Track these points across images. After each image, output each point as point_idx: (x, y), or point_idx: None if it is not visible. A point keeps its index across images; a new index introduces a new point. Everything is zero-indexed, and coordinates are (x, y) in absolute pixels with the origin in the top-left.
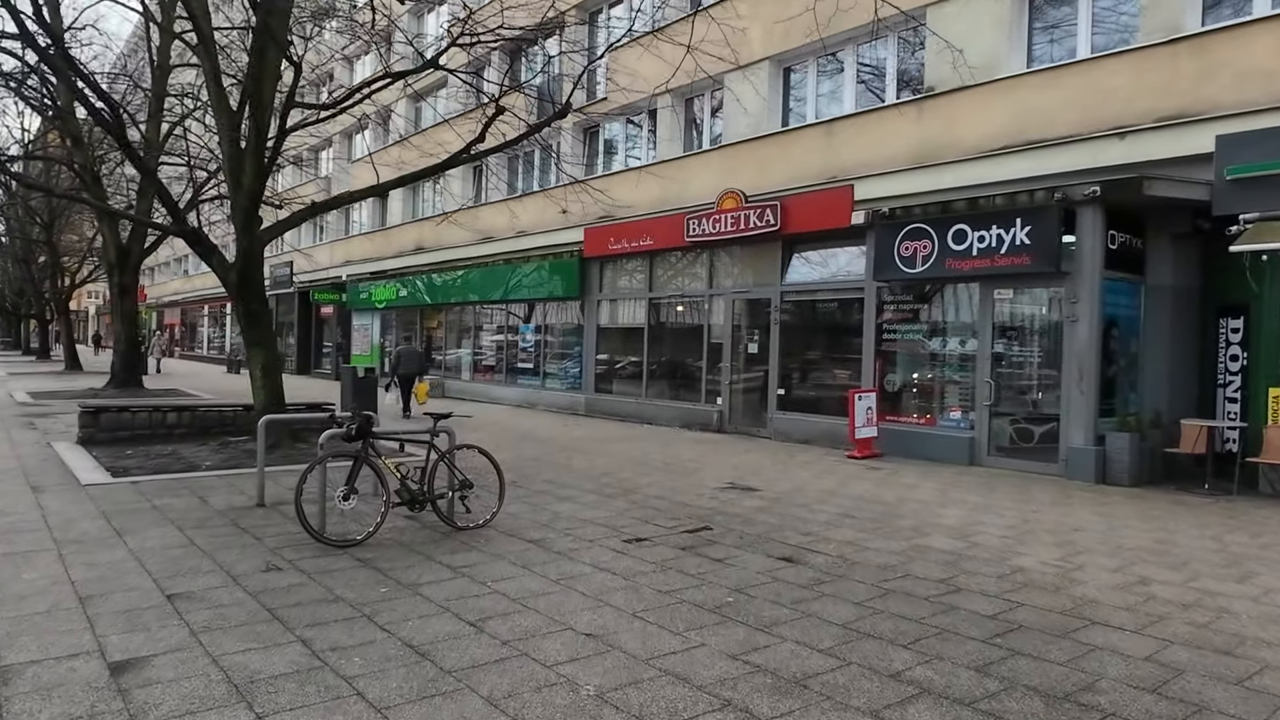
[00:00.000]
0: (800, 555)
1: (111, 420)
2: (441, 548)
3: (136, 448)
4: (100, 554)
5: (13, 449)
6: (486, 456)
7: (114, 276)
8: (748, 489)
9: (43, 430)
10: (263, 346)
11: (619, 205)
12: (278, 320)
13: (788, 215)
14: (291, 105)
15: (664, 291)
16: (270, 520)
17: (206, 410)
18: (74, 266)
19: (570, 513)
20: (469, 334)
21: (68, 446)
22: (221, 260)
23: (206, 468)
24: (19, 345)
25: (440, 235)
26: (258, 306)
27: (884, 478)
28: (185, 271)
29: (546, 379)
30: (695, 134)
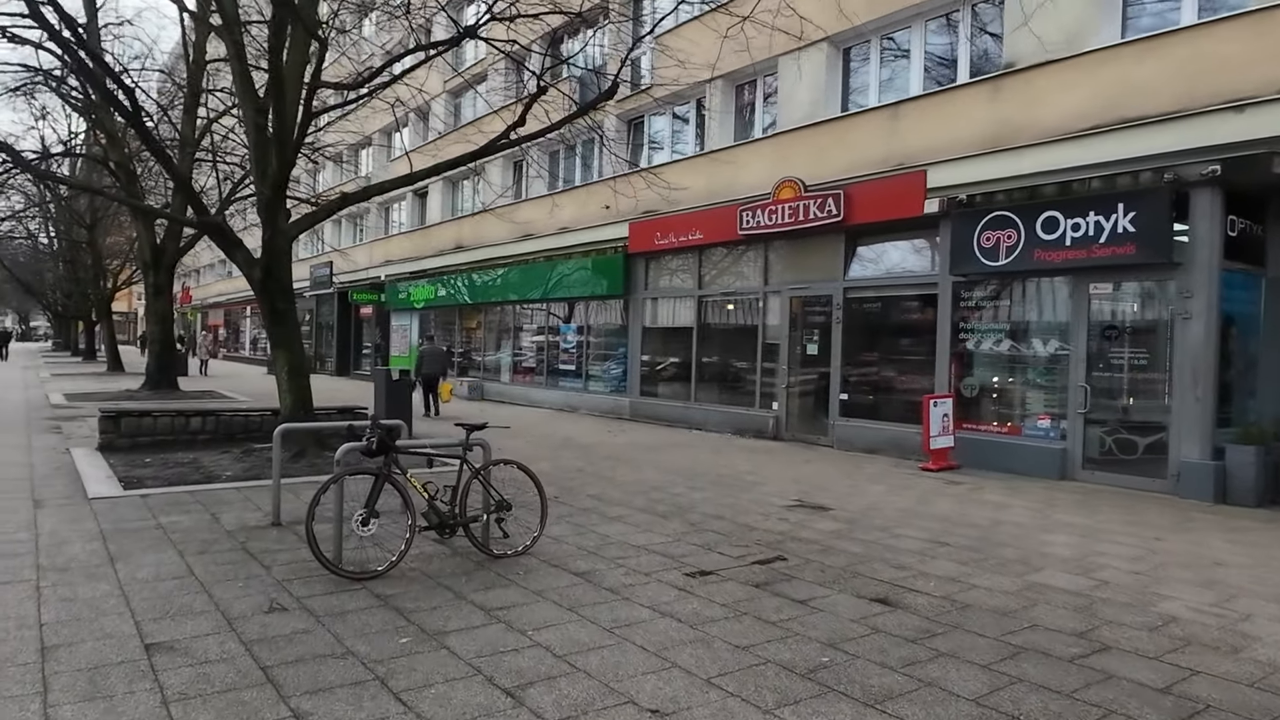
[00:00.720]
0: (897, 596)
1: (132, 425)
2: (474, 581)
3: (156, 455)
4: (83, 587)
5: (28, 456)
6: (526, 473)
7: (149, 276)
8: (818, 508)
9: (66, 434)
10: (288, 347)
11: (671, 191)
12: (318, 321)
13: (851, 205)
14: (317, 85)
15: (714, 289)
16: (284, 543)
17: (231, 415)
18: (117, 268)
19: (620, 536)
20: (508, 335)
21: (86, 453)
22: (246, 256)
23: (226, 479)
24: (68, 346)
25: (479, 233)
26: (283, 304)
27: (967, 494)
28: (229, 273)
29: (589, 381)
30: (746, 122)
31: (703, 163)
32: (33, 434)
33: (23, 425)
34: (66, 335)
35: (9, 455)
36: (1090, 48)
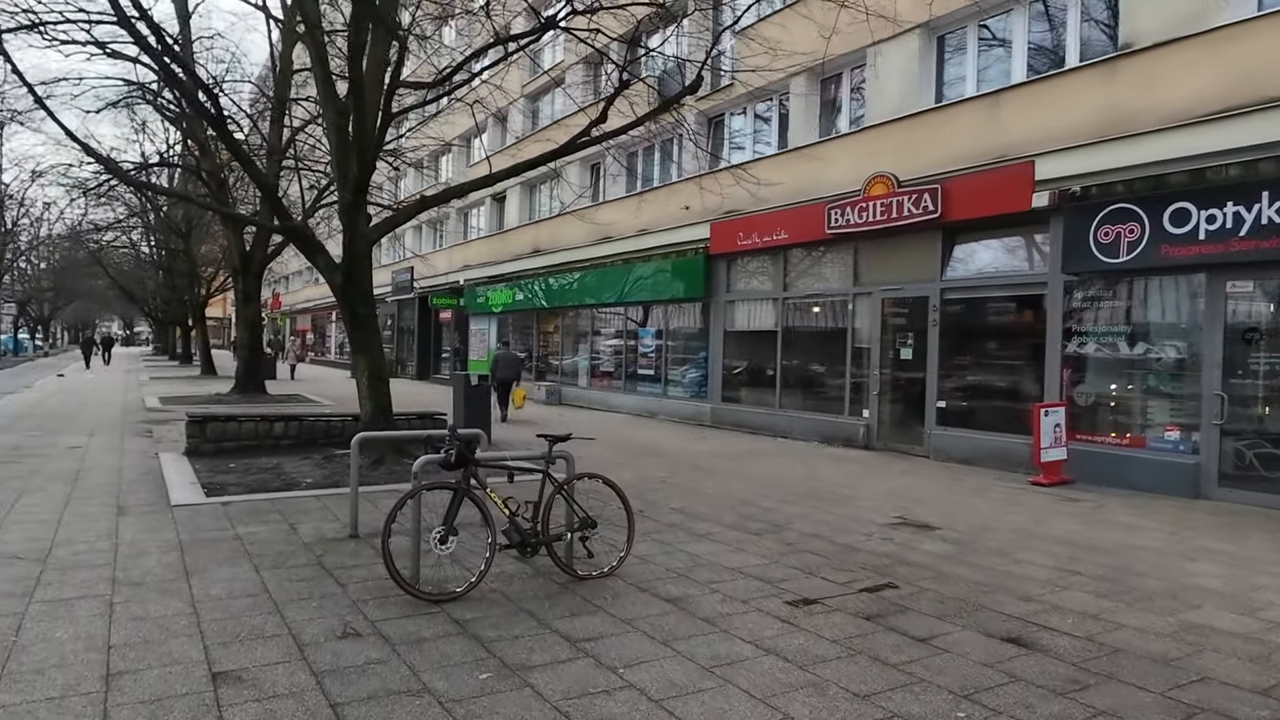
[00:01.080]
0: (1031, 635)
1: (217, 431)
2: (558, 606)
3: (240, 460)
4: (155, 604)
5: (118, 460)
6: (613, 488)
7: (238, 283)
8: (923, 526)
9: (156, 438)
10: (368, 352)
11: (760, 188)
12: (399, 325)
13: (949, 200)
14: (396, 86)
15: (800, 290)
16: (360, 558)
17: (314, 420)
18: (210, 275)
19: (711, 556)
20: (586, 338)
21: (173, 458)
22: (328, 261)
23: (306, 486)
24: (167, 351)
25: (557, 237)
26: (363, 309)
27: (1089, 513)
28: (315, 280)
29: (669, 387)
30: (831, 117)
31: (786, 160)
32: (126, 437)
33: (118, 429)
34: (165, 340)
35: (102, 459)
36: (1219, 24)
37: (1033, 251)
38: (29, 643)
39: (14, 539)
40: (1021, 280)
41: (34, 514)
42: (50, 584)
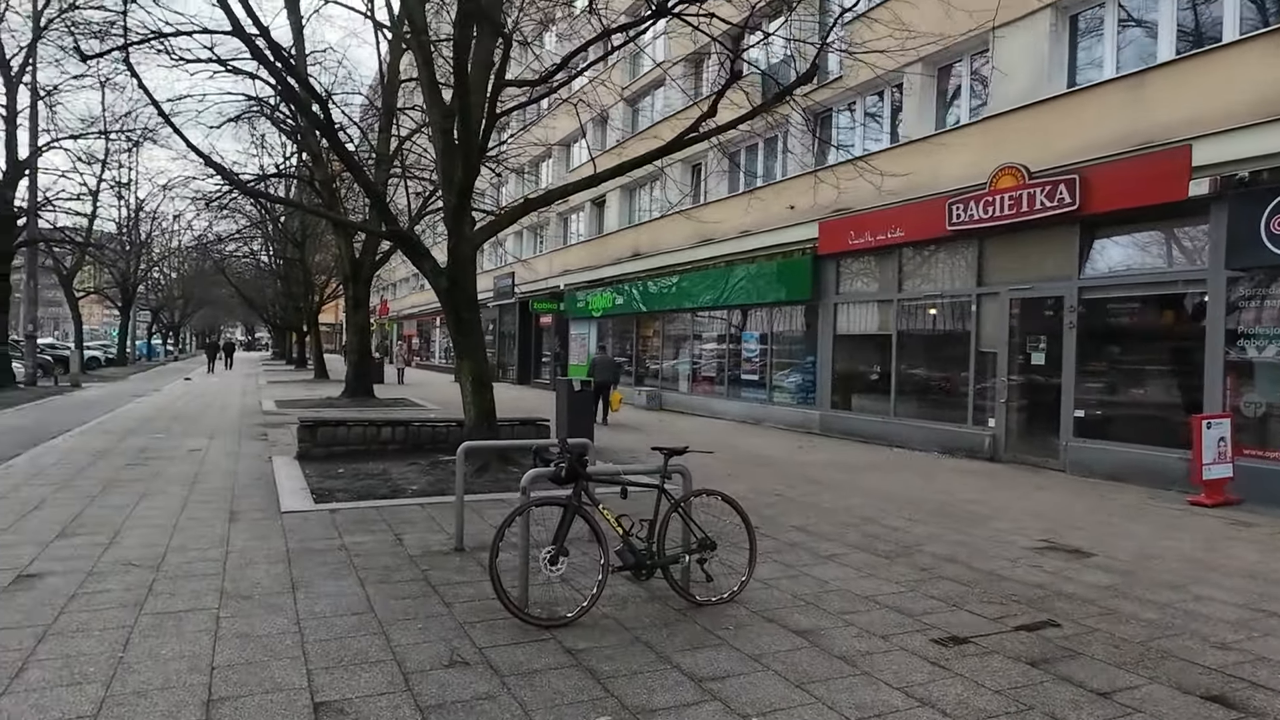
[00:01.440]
0: (1238, 693)
1: (327, 435)
2: (677, 637)
3: (349, 465)
4: (261, 621)
5: (234, 463)
6: (733, 506)
7: (348, 289)
8: (1075, 552)
9: (271, 441)
10: (472, 357)
11: (877, 182)
12: (500, 330)
13: (1089, 191)
14: (502, 85)
15: (917, 291)
16: (466, 573)
17: (420, 425)
18: (323, 283)
19: (840, 582)
20: (686, 342)
21: (285, 462)
22: (433, 265)
23: (412, 493)
24: (284, 355)
25: (656, 240)
26: (468, 314)
27: (1269, 540)
28: (421, 286)
29: (774, 392)
30: (950, 107)
31: (900, 155)
32: (243, 441)
33: (236, 432)
34: (282, 345)
35: (219, 462)
36: None
37: (1187, 245)
38: (135, 661)
39: (132, 544)
40: (1175, 277)
41: (152, 518)
42: (161, 594)
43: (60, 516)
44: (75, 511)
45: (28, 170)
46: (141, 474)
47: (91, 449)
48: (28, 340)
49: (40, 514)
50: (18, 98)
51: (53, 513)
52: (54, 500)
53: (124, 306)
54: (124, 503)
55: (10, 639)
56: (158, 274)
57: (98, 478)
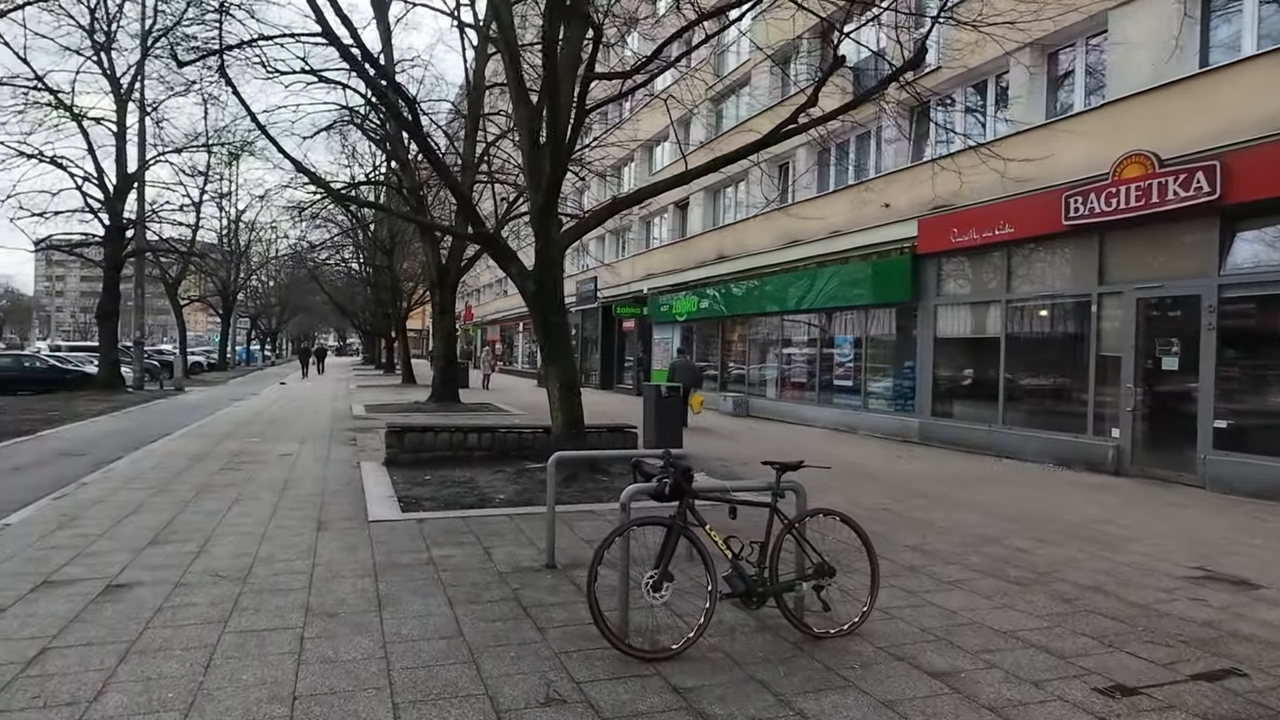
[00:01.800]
0: None
1: (414, 441)
2: (795, 676)
3: (436, 471)
4: (345, 643)
5: (324, 469)
6: (852, 528)
7: (434, 295)
8: (1240, 583)
9: (359, 447)
10: (560, 362)
11: (1008, 165)
12: (583, 335)
13: (1231, 179)
14: (591, 78)
15: (1029, 291)
16: (559, 594)
17: (506, 432)
18: (410, 289)
19: (970, 613)
20: (774, 347)
21: (373, 468)
22: (520, 268)
23: (499, 502)
24: (373, 360)
25: (741, 242)
26: (555, 318)
27: None
28: (505, 291)
29: (869, 399)
30: (1061, 95)
31: (1007, 146)
32: (333, 445)
33: (326, 436)
34: (372, 350)
35: (309, 468)
36: None
37: None
38: (215, 687)
39: (221, 553)
40: None
41: (242, 525)
42: (246, 609)
43: (154, 522)
44: (168, 518)
45: (135, 183)
46: (235, 479)
47: (189, 452)
48: (135, 346)
49: (136, 519)
50: (127, 114)
51: (148, 518)
52: (150, 505)
53: (224, 313)
54: (216, 509)
55: (93, 657)
56: (256, 282)
57: (193, 482)
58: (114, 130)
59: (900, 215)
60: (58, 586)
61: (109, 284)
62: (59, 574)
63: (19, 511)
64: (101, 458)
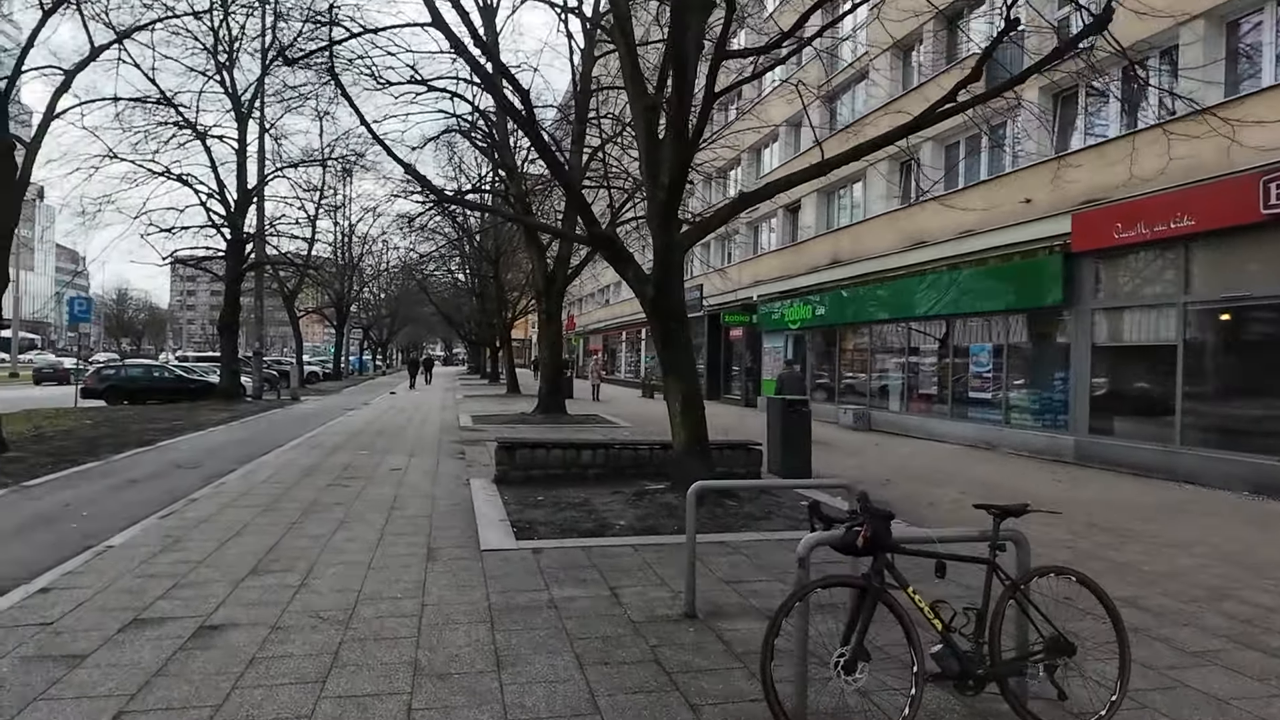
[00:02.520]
0: None
1: (526, 458)
2: None
3: (548, 491)
4: (458, 717)
5: (432, 485)
6: (1091, 589)
7: (541, 303)
8: None
9: (468, 461)
10: (681, 375)
11: (1233, 129)
12: None
13: None
14: (723, 57)
15: (1214, 293)
16: (707, 654)
17: (621, 448)
18: (515, 299)
19: (1244, 703)
20: (897, 356)
21: (483, 485)
22: (637, 271)
23: (619, 529)
24: (479, 370)
25: (860, 245)
26: (675, 325)
27: None
28: (606, 301)
29: (1010, 413)
30: (1245, 67)
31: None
32: (441, 459)
33: (435, 449)
34: (477, 360)
35: (418, 484)
36: None
37: None
38: None
39: (323, 588)
40: None
41: (348, 552)
42: (347, 665)
43: (258, 547)
44: (272, 541)
45: (255, 198)
46: (342, 496)
47: (300, 466)
48: (255, 356)
49: (240, 542)
50: (247, 131)
51: (252, 541)
52: (255, 526)
53: (338, 324)
54: (321, 532)
55: None
56: (368, 294)
57: (301, 499)
58: (235, 147)
59: (1045, 211)
60: (148, 627)
61: (229, 296)
62: (151, 610)
63: (125, 531)
64: (214, 470)
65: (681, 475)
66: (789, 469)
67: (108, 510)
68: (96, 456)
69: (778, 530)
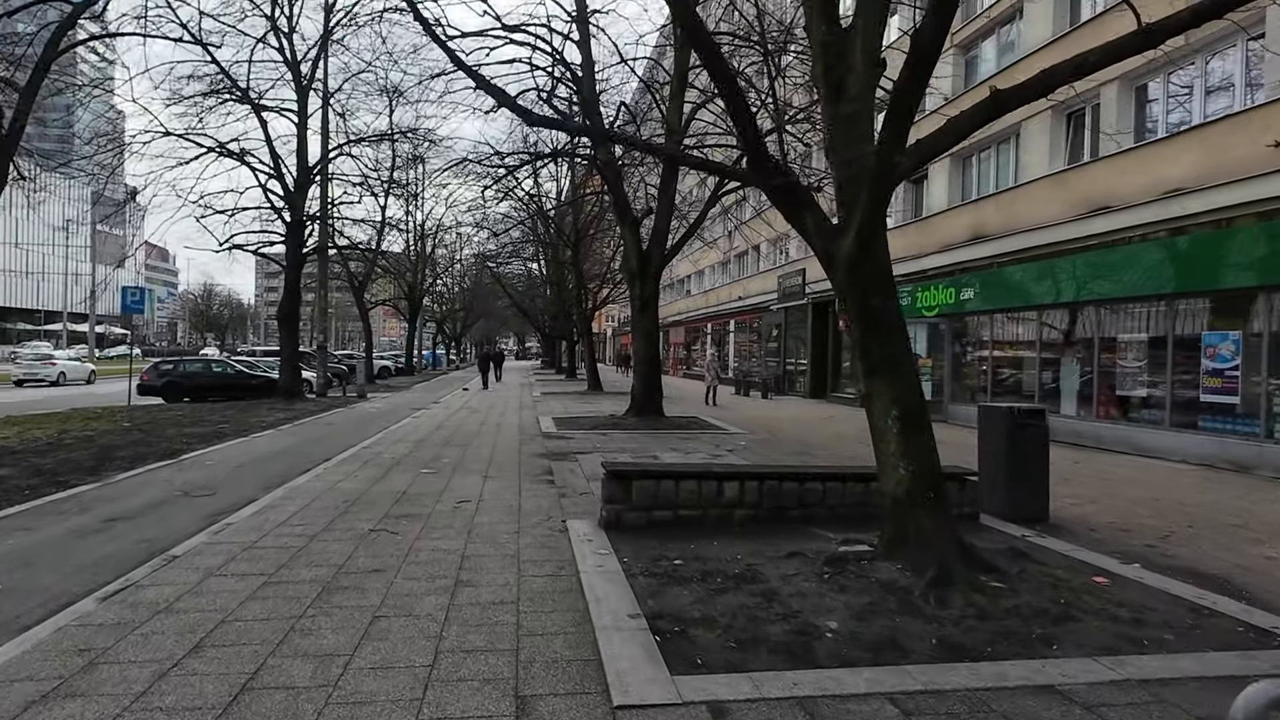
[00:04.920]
0: None
1: (647, 493)
2: None
3: (684, 545)
4: None
5: (515, 536)
6: None
7: (634, 288)
8: None
9: (560, 486)
10: (894, 374)
11: None
12: (787, 335)
13: None
14: None
15: None
16: None
17: (781, 479)
18: (596, 287)
19: None
20: (1079, 348)
21: (588, 534)
22: (819, 222)
23: (833, 642)
24: (553, 364)
25: (1012, 216)
26: (879, 300)
27: None
28: (687, 291)
29: (1275, 424)
30: None
31: None
32: (524, 482)
33: (515, 466)
34: (552, 354)
35: (495, 530)
36: None
37: None
38: None
39: None
40: None
41: (378, 694)
42: None
43: (231, 671)
44: (250, 668)
45: (317, 176)
46: (384, 557)
47: (342, 492)
48: (319, 350)
49: (199, 664)
50: (308, 103)
51: (215, 665)
52: (238, 623)
53: (410, 317)
54: (337, 644)
55: None
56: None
57: (325, 561)
58: (294, 121)
59: None
60: None
61: (290, 283)
62: None
63: (30, 632)
64: (228, 501)
65: (903, 534)
66: (1020, 510)
67: (34, 583)
68: (99, 475)
69: (1102, 652)
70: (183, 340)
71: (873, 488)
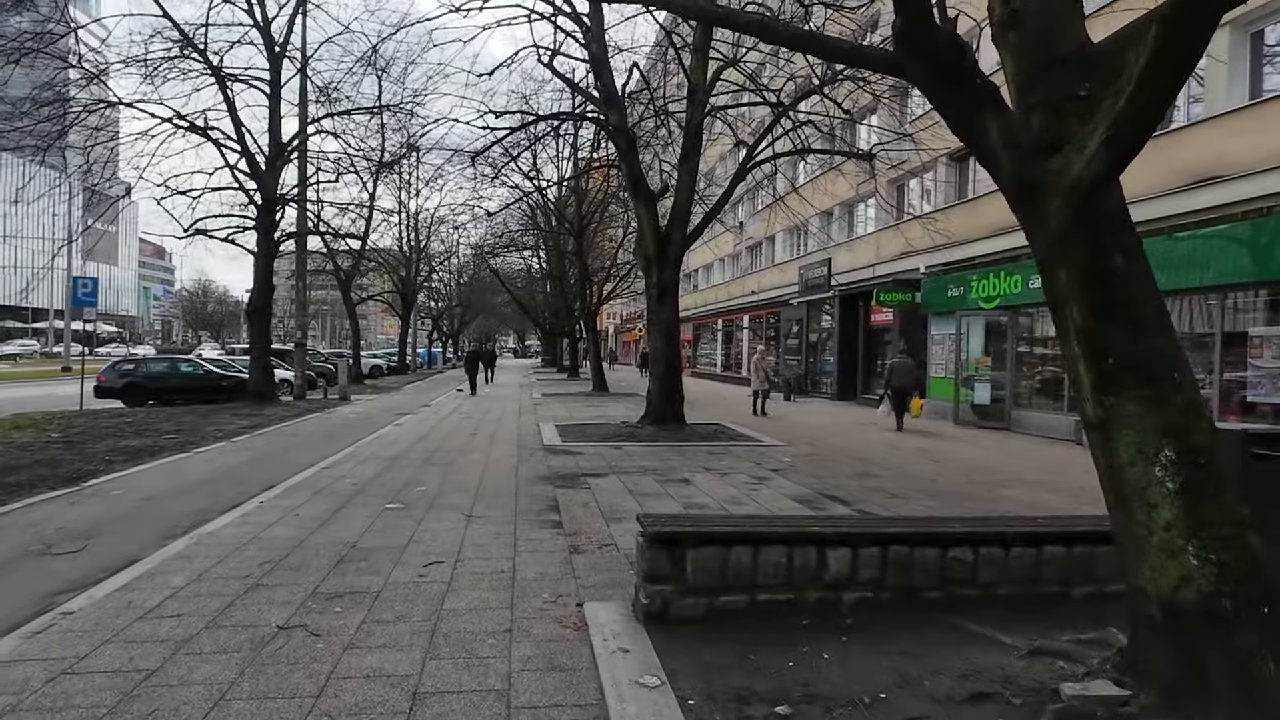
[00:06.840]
0: None
1: (708, 569)
2: None
3: (778, 658)
4: None
5: (507, 642)
6: None
7: (651, 274)
8: None
9: (569, 533)
10: (1153, 386)
11: None
12: (808, 331)
13: None
14: None
15: None
16: None
17: (915, 543)
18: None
19: None
20: (1194, 347)
21: (618, 634)
22: (1010, 127)
23: None
24: (554, 363)
25: None
26: (1120, 259)
27: None
28: (695, 286)
29: None
30: None
31: None
32: (520, 526)
33: (510, 497)
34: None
35: (473, 636)
36: None
37: None
38: None
39: None
40: None
41: None
42: None
43: None
44: None
45: (294, 154)
46: (280, 701)
47: (269, 545)
48: (296, 349)
49: None
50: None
51: None
52: None
53: (404, 313)
54: None
55: None
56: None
57: (173, 713)
58: (266, 92)
59: None
60: None
61: (260, 273)
62: None
63: None
64: (95, 565)
65: (1200, 673)
66: None
67: None
68: None
69: None
70: (177, 339)
71: (1095, 565)
